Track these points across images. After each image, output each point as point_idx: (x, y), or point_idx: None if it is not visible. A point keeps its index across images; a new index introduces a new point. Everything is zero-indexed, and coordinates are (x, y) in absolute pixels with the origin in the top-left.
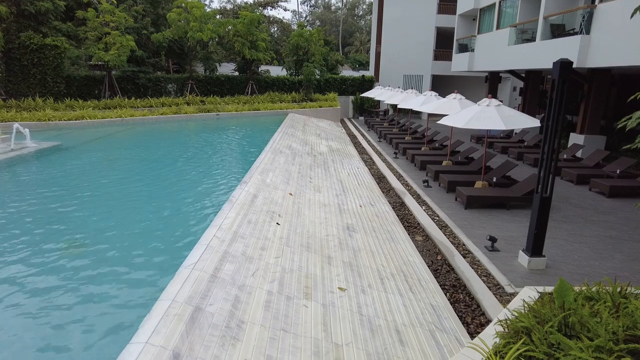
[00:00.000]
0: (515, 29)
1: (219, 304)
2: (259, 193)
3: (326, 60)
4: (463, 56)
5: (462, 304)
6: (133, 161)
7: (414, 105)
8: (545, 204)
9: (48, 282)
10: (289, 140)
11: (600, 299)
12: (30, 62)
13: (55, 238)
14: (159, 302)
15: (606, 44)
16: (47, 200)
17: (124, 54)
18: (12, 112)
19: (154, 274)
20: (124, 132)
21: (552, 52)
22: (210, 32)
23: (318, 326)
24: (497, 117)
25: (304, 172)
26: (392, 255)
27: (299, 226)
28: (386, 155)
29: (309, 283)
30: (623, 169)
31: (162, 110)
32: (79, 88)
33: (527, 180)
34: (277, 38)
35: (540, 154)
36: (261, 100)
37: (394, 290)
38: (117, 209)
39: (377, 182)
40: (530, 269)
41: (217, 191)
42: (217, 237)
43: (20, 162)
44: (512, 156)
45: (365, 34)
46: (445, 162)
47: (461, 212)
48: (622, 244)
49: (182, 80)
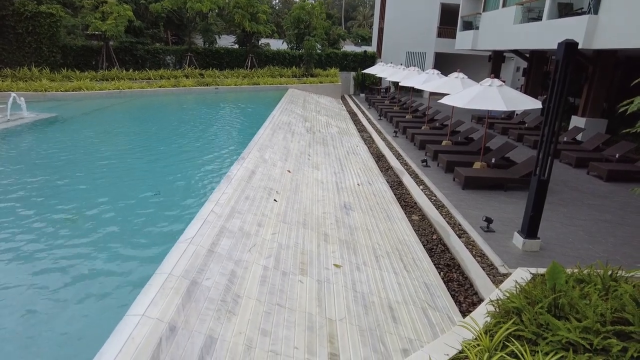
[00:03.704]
0: (522, 7)
1: (215, 278)
2: (257, 169)
3: (328, 35)
4: (467, 34)
5: (455, 283)
6: (131, 134)
7: (415, 83)
8: (542, 186)
9: (44, 253)
10: (289, 116)
11: (591, 282)
12: (25, 30)
13: (51, 209)
14: (156, 275)
15: (614, 25)
16: (44, 172)
17: (122, 24)
18: (8, 82)
19: (150, 247)
20: (122, 104)
21: (558, 32)
22: (209, 3)
23: (313, 301)
24: (498, 97)
25: (303, 149)
26: (388, 234)
27: (297, 203)
28: (386, 133)
29: (304, 259)
30: (622, 153)
31: (160, 82)
32: (76, 58)
33: (526, 162)
34: (278, 10)
35: (540, 136)
36: (261, 74)
37: (388, 268)
38: (114, 182)
39: (376, 160)
40: (525, 251)
41: (215, 166)
42: (215, 212)
43: (17, 133)
44: (512, 137)
45: (369, 9)
46: (445, 141)
47: (458, 193)
48: (616, 228)
49: (180, 52)
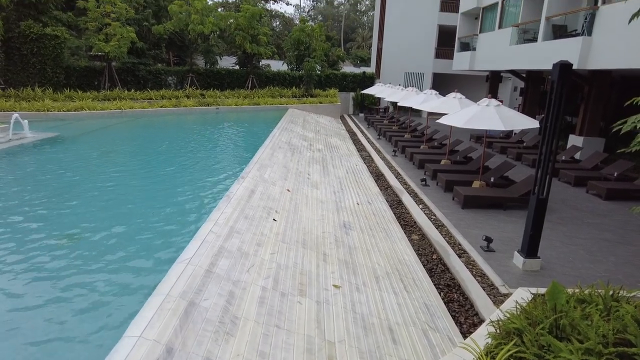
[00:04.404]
0: (518, 29)
1: (213, 299)
2: (256, 188)
3: (327, 56)
4: (464, 55)
5: (456, 304)
6: (131, 154)
7: (414, 103)
8: (541, 205)
9: (42, 273)
10: (288, 135)
11: (592, 302)
12: (29, 51)
13: (51, 229)
14: (153, 296)
15: (608, 46)
16: (43, 191)
17: (124, 46)
18: (11, 102)
19: (148, 268)
20: (122, 124)
21: (553, 53)
22: (211, 25)
23: (312, 323)
24: (496, 117)
25: (303, 168)
26: (387, 254)
27: (296, 222)
28: (385, 153)
29: (303, 280)
30: (620, 172)
31: (161, 102)
32: (79, 79)
33: (525, 181)
34: (278, 32)
35: (539, 155)
36: (261, 94)
37: (388, 288)
38: (113, 201)
39: (375, 179)
40: (525, 270)
41: (214, 186)
42: (213, 232)
43: (18, 153)
44: (511, 156)
45: (368, 30)
46: (443, 161)
47: (458, 212)
48: (616, 247)
49: (182, 73)
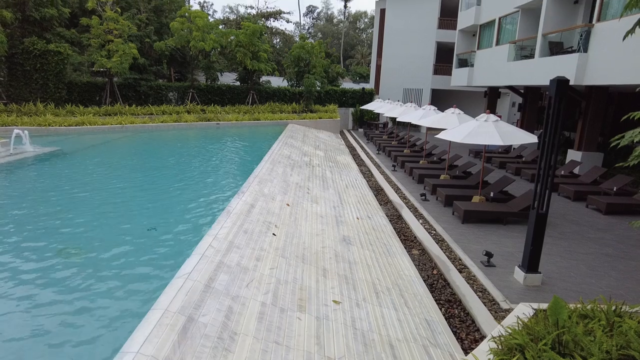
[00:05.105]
0: (515, 46)
1: (212, 315)
2: (256, 203)
3: (327, 72)
4: (463, 71)
5: (457, 320)
6: (130, 168)
7: (412, 118)
8: (541, 220)
9: (40, 287)
10: (288, 150)
11: (595, 317)
12: (32, 67)
13: (50, 243)
14: (151, 311)
15: (603, 62)
16: (43, 205)
17: (126, 62)
18: (13, 117)
19: (147, 282)
20: (123, 139)
21: (550, 69)
22: (212, 42)
23: (311, 339)
24: (494, 132)
25: (302, 182)
26: (388, 269)
27: (295, 237)
28: (384, 167)
29: (303, 295)
30: (620, 187)
31: (162, 118)
32: (81, 94)
33: (524, 195)
34: (279, 49)
35: (537, 169)
36: (262, 110)
37: (388, 304)
38: (112, 215)
39: (375, 194)
40: (526, 285)
41: (215, 201)
42: (213, 246)
43: (19, 167)
44: (510, 171)
45: (367, 47)
46: (443, 175)
47: (458, 227)
48: (617, 262)
49: (183, 89)
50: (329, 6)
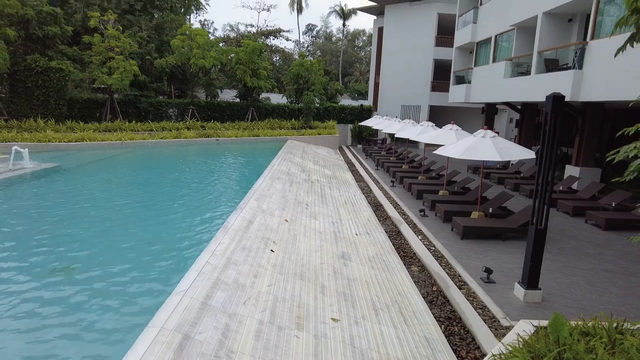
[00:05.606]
0: (511, 63)
1: (209, 333)
2: (254, 219)
3: (326, 90)
4: (460, 88)
5: (457, 337)
6: (129, 184)
7: (411, 134)
8: (540, 235)
9: (36, 305)
10: (287, 166)
11: (596, 335)
12: (34, 84)
13: (47, 259)
14: (147, 328)
15: (598, 78)
16: (41, 221)
17: (127, 78)
18: (13, 133)
19: (144, 299)
20: (122, 155)
21: (546, 86)
22: (212, 60)
23: (309, 358)
24: (492, 148)
25: (301, 198)
26: (387, 286)
27: (294, 253)
28: (383, 183)
29: (301, 313)
30: (618, 202)
31: (162, 134)
32: (81, 110)
33: (523, 211)
34: (278, 67)
35: (535, 185)
36: (261, 126)
37: (387, 322)
38: (111, 231)
39: (374, 210)
40: (527, 302)
41: (213, 216)
42: (210, 263)
43: (17, 183)
44: (509, 187)
45: (365, 65)
46: (441, 191)
47: (457, 243)
48: (618, 278)
49: (183, 105)
50: (327, 25)
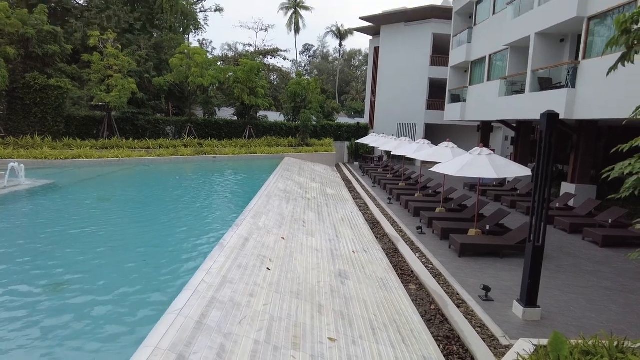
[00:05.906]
0: (505, 81)
1: (203, 353)
2: (250, 236)
3: (323, 108)
4: (455, 106)
5: (456, 357)
6: (124, 202)
7: (407, 152)
8: (538, 252)
9: (30, 322)
10: (284, 183)
11: (597, 354)
12: (32, 101)
13: (41, 277)
14: (141, 348)
15: (591, 97)
16: (35, 238)
17: (125, 96)
18: (10, 150)
19: (139, 318)
20: (119, 172)
21: (540, 104)
22: (210, 78)
23: None
24: (488, 165)
25: (298, 215)
26: (384, 304)
27: (290, 272)
28: (380, 200)
29: (297, 332)
30: (615, 219)
31: (159, 151)
32: (78, 127)
33: (520, 228)
34: (276, 85)
35: (532, 202)
36: (258, 144)
37: (385, 341)
38: (105, 249)
39: (371, 227)
40: (525, 320)
41: (209, 234)
42: (205, 281)
43: (12, 200)
44: (505, 204)
45: (361, 84)
46: (438, 208)
47: (455, 260)
48: (617, 295)
49: (181, 123)
50: (324, 45)
